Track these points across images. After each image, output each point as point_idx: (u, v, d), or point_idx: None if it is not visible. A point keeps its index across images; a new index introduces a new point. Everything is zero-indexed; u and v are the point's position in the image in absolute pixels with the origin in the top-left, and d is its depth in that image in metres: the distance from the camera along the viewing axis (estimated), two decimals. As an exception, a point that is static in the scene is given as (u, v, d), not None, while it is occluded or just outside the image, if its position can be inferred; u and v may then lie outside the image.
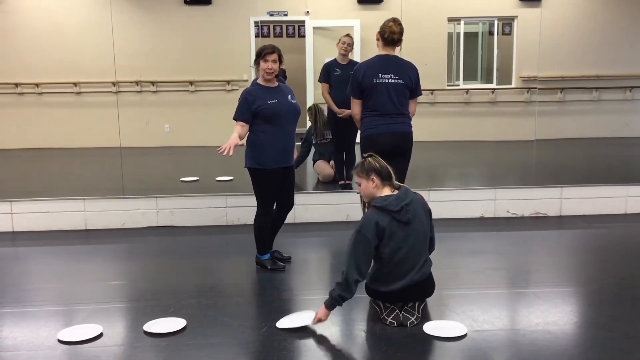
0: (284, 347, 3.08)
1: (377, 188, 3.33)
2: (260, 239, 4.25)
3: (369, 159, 3.38)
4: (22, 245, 5.22)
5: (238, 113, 4.06)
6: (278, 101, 4.06)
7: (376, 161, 3.36)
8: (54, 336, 3.23)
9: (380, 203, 3.25)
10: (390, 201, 3.24)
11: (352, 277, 3.16)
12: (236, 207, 5.53)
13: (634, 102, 10.04)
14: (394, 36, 4.21)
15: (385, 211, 3.22)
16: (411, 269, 3.28)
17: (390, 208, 3.22)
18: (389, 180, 3.34)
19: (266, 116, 4.02)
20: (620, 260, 4.53)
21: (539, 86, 9.54)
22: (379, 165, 3.33)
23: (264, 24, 10.08)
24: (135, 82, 9.56)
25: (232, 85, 9.39)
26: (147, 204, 5.55)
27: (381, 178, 3.32)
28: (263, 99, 4.03)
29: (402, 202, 3.24)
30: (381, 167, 3.33)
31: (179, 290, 3.97)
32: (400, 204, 3.23)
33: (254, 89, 4.12)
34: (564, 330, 3.27)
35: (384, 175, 3.33)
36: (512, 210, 5.75)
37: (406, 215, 3.23)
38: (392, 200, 3.24)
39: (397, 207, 3.22)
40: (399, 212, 3.22)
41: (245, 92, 4.10)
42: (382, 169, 3.33)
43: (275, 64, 4.05)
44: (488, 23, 10.71)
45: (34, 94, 9.65)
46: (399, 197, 3.26)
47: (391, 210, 3.21)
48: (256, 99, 4.02)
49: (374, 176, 3.32)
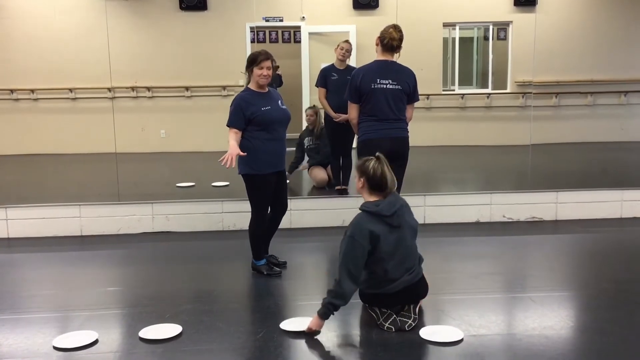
0: (280, 353, 3.08)
1: (362, 190, 3.34)
2: (256, 245, 4.24)
3: (372, 163, 3.29)
4: (17, 252, 5.19)
5: (232, 120, 4.03)
6: (271, 107, 4.07)
7: (374, 168, 3.27)
8: (49, 343, 3.22)
9: (373, 208, 3.24)
10: (382, 207, 3.23)
11: (347, 286, 3.16)
12: (232, 212, 5.52)
13: (628, 107, 10.08)
14: (393, 42, 4.23)
15: (378, 216, 3.22)
16: (405, 271, 3.29)
17: (383, 213, 3.22)
18: (378, 191, 3.29)
19: (260, 122, 4.02)
20: (616, 265, 4.54)
21: (534, 91, 9.57)
22: (373, 172, 3.27)
23: (259, 29, 10.10)
24: (131, 87, 9.57)
25: (228, 91, 9.39)
26: (143, 210, 5.54)
27: (369, 185, 3.30)
28: (256, 105, 4.02)
29: (394, 208, 3.25)
30: (374, 175, 3.26)
31: (175, 296, 3.96)
32: (392, 209, 3.24)
33: (246, 94, 4.09)
34: (560, 334, 3.28)
35: (372, 184, 3.29)
36: (508, 215, 5.76)
37: (397, 220, 3.25)
38: (385, 205, 3.24)
39: (390, 212, 3.23)
40: (391, 217, 3.23)
41: (238, 99, 4.07)
42: (373, 178, 3.26)
43: (269, 71, 4.05)
44: (483, 28, 10.76)
45: (29, 100, 9.64)
46: (391, 203, 3.27)
47: (384, 215, 3.22)
48: (249, 106, 4.01)
49: (363, 179, 3.31)
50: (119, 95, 9.53)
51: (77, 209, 5.50)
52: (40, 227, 5.45)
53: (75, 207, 5.51)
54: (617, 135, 9.84)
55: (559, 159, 8.69)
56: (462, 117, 10.02)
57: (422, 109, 9.27)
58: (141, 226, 5.53)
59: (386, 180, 3.27)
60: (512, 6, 9.79)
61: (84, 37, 9.28)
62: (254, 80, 4.10)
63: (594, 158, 8.98)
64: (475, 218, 5.74)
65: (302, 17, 9.45)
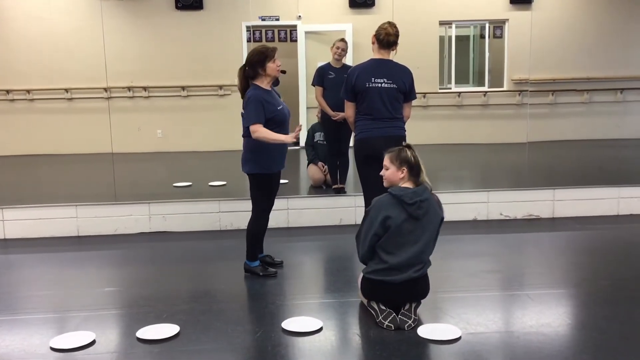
0: (277, 352, 3.07)
1: (403, 180, 3.39)
2: (254, 245, 4.22)
3: (407, 150, 3.39)
4: (13, 253, 5.18)
5: (258, 116, 3.89)
6: (282, 106, 4.07)
7: (412, 154, 3.38)
8: (46, 344, 3.21)
9: (397, 192, 3.32)
10: (407, 193, 3.30)
11: (359, 250, 3.45)
12: (229, 212, 5.51)
13: (625, 104, 10.10)
14: (390, 38, 4.22)
15: (399, 201, 3.29)
16: (412, 265, 3.30)
17: (405, 200, 3.28)
18: (417, 177, 3.38)
19: (277, 122, 3.99)
20: (613, 262, 4.55)
21: (530, 89, 9.58)
22: (414, 159, 3.36)
23: (256, 28, 10.09)
24: (127, 87, 9.55)
25: (225, 90, 9.37)
26: (140, 210, 5.53)
27: (410, 172, 3.37)
28: (272, 104, 3.99)
29: (418, 198, 3.29)
30: (415, 162, 3.37)
31: (172, 296, 3.95)
32: (415, 198, 3.29)
33: (261, 92, 3.98)
34: (558, 332, 3.28)
35: (414, 171, 3.38)
36: (505, 213, 5.76)
37: (417, 211, 3.29)
38: (409, 193, 3.31)
39: (412, 200, 3.28)
40: (412, 206, 3.28)
41: (257, 96, 3.93)
42: (415, 165, 3.37)
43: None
44: (479, 26, 10.77)
45: (25, 101, 9.62)
46: (416, 192, 3.32)
47: (405, 202, 3.28)
48: (268, 104, 3.96)
49: (405, 168, 3.37)
50: (115, 95, 9.51)
51: (74, 210, 5.48)
52: (36, 228, 5.43)
53: (72, 207, 5.49)
54: (614, 133, 9.86)
55: (555, 156, 8.70)
56: (459, 115, 10.02)
57: (419, 107, 9.26)
58: (138, 226, 5.52)
59: (422, 167, 3.39)
60: (508, 4, 9.79)
61: (79, 37, 9.25)
62: (267, 77, 4.03)
63: (590, 155, 8.99)
64: (473, 216, 5.75)
65: (299, 16, 9.44)
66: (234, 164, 4.13)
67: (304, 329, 3.29)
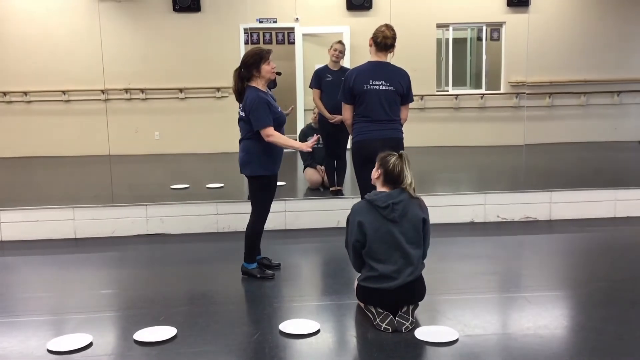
0: (275, 354, 3.07)
1: (377, 180, 3.45)
2: (253, 247, 4.22)
3: (394, 159, 3.39)
4: (10, 255, 5.17)
5: (269, 118, 3.90)
6: (280, 108, 4.10)
7: (394, 163, 3.37)
8: (43, 346, 3.20)
9: (371, 197, 3.39)
10: (380, 197, 3.35)
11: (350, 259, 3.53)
12: (227, 214, 5.51)
13: (622, 107, 10.13)
14: (387, 41, 4.22)
15: (373, 205, 3.34)
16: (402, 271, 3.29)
17: (378, 204, 3.33)
18: (392, 184, 3.39)
19: (279, 123, 4.02)
20: (610, 264, 4.55)
21: (527, 91, 9.61)
22: (392, 168, 3.37)
23: (253, 30, 10.09)
24: (125, 89, 9.54)
25: (222, 92, 9.37)
26: (137, 212, 5.53)
27: (385, 177, 3.40)
28: (274, 106, 4.02)
29: (390, 200, 3.31)
30: (392, 171, 3.37)
31: (170, 298, 3.95)
32: (388, 201, 3.32)
33: (264, 95, 3.98)
34: (555, 334, 3.28)
35: (387, 178, 3.40)
36: (502, 215, 5.77)
37: (392, 214, 3.30)
38: (383, 196, 3.34)
39: (384, 203, 3.31)
40: (385, 209, 3.31)
41: (261, 99, 3.92)
42: (390, 173, 3.37)
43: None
44: (476, 29, 10.79)
45: (22, 103, 9.61)
46: (390, 195, 3.35)
47: (378, 206, 3.32)
48: (272, 107, 3.98)
49: (381, 171, 3.41)
50: (112, 97, 9.51)
51: (71, 212, 5.48)
52: (33, 230, 5.43)
53: (69, 209, 5.49)
54: (611, 135, 9.89)
55: (552, 159, 8.71)
56: (456, 117, 10.04)
57: (416, 109, 9.28)
58: (135, 228, 5.51)
59: (402, 179, 3.37)
60: (505, 7, 9.82)
61: (77, 39, 9.25)
62: (262, 79, 4.02)
63: (587, 158, 9.01)
64: (470, 218, 5.75)
65: (296, 18, 9.45)
66: (232, 166, 4.14)
67: (301, 331, 3.30)
